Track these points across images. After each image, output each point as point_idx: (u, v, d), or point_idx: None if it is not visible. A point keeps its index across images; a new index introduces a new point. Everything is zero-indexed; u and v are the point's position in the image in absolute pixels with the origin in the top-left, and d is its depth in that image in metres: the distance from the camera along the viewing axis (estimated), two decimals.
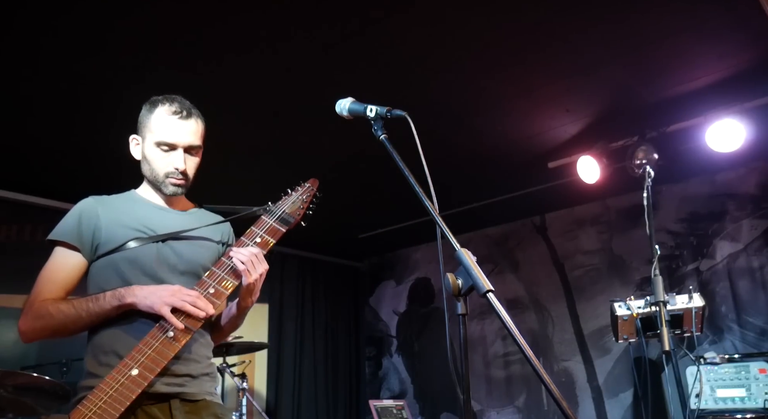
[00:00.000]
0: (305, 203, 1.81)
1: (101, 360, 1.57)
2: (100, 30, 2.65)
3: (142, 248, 1.67)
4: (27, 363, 3.84)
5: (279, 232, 1.74)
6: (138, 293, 1.55)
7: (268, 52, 2.89)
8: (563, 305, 4.95)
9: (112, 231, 1.68)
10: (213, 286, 1.62)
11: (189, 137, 1.74)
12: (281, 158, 3.86)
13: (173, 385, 1.57)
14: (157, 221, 1.74)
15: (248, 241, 1.69)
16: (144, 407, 1.52)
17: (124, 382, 1.45)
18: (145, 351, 1.49)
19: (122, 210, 1.75)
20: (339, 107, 1.65)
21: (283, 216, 1.76)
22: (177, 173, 1.73)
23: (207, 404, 1.65)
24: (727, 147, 3.49)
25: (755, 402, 3.17)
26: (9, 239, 4.06)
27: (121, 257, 1.65)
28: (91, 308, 1.56)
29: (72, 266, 1.67)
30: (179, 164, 1.72)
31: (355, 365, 6.16)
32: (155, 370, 1.48)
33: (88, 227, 1.68)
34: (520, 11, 2.66)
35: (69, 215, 1.72)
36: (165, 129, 1.72)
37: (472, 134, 3.78)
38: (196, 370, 1.64)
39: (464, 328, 1.20)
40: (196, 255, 1.75)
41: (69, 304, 1.59)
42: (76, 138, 3.59)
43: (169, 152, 1.73)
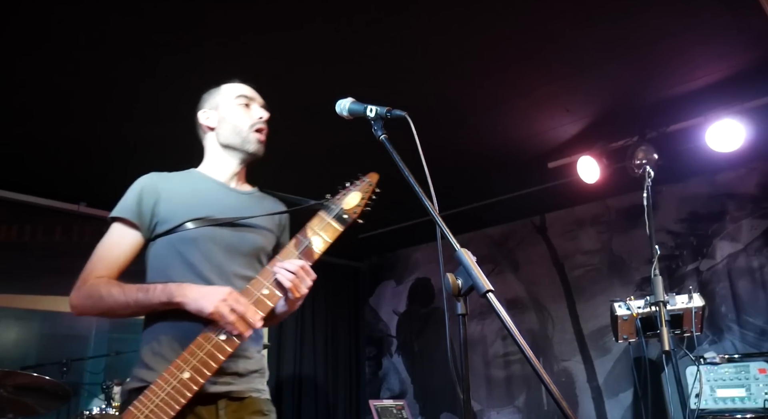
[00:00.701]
0: (364, 200, 1.74)
1: (156, 350, 1.56)
2: (101, 29, 2.65)
3: (201, 230, 1.64)
4: (27, 363, 3.85)
5: (336, 231, 1.66)
6: (188, 294, 1.52)
7: (267, 51, 2.89)
8: (563, 305, 4.95)
9: (172, 210, 1.66)
10: (258, 296, 1.56)
11: (260, 98, 1.84)
12: (281, 158, 3.86)
13: (222, 384, 1.55)
14: (218, 201, 1.72)
15: (304, 239, 1.63)
16: (192, 408, 1.50)
17: (176, 385, 1.44)
18: (197, 353, 1.47)
19: (183, 188, 1.72)
20: (339, 107, 1.65)
21: (340, 214, 1.68)
22: (261, 122, 1.77)
23: (253, 401, 1.63)
24: (727, 147, 3.49)
25: (755, 402, 3.17)
26: (9, 239, 4.06)
27: (177, 238, 1.63)
28: (140, 299, 1.55)
29: (128, 244, 1.66)
30: (262, 113, 1.78)
31: (355, 365, 6.16)
32: (206, 374, 1.46)
33: (148, 205, 1.66)
34: (520, 11, 2.66)
35: (129, 192, 1.70)
36: (240, 87, 1.83)
37: (472, 134, 3.78)
38: (245, 368, 1.62)
39: (464, 328, 1.20)
40: (257, 240, 1.73)
41: (120, 289, 1.57)
42: (76, 138, 3.59)
43: (249, 106, 1.79)
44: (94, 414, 3.34)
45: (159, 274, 1.63)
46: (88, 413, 3.36)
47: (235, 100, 1.79)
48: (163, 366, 1.48)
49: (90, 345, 4.54)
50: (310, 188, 1.87)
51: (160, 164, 1.94)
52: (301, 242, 1.63)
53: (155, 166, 2.01)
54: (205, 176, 1.79)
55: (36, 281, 4.12)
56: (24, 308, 4.14)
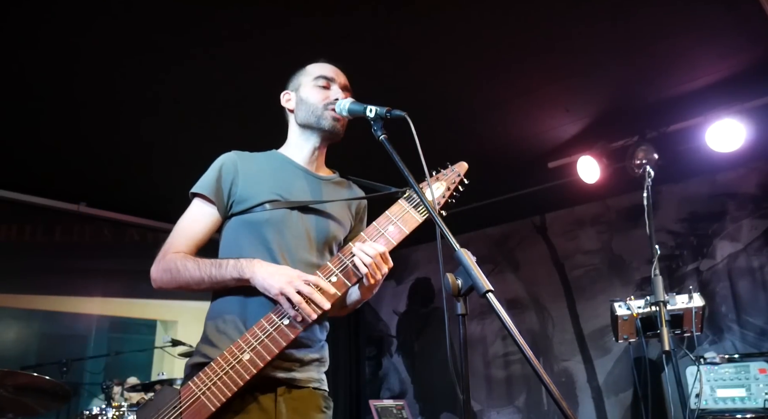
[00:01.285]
0: (449, 191, 1.71)
1: (219, 327, 1.57)
2: (101, 29, 2.65)
3: (275, 212, 1.63)
4: (27, 363, 3.85)
5: (415, 222, 1.62)
6: (257, 271, 1.51)
7: (265, 52, 2.89)
8: (563, 306, 4.95)
9: (249, 189, 1.66)
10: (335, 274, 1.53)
11: (344, 78, 1.80)
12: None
13: (282, 370, 1.53)
14: (296, 184, 1.71)
15: (380, 228, 1.59)
16: (250, 393, 1.49)
17: (235, 366, 1.43)
18: (259, 335, 1.46)
19: (262, 169, 1.72)
20: (339, 107, 1.66)
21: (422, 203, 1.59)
22: (334, 104, 1.72)
23: (312, 394, 1.61)
24: (727, 147, 3.49)
25: (755, 402, 3.17)
26: (9, 239, 4.06)
27: (252, 218, 1.63)
28: (213, 274, 1.55)
29: (206, 221, 1.67)
30: (339, 94, 1.73)
31: (355, 365, 6.16)
32: (266, 358, 1.44)
33: (226, 182, 1.67)
34: (520, 11, 2.66)
35: (210, 169, 1.71)
36: (322, 67, 1.80)
37: (472, 133, 3.78)
38: (306, 355, 1.60)
39: (464, 328, 1.20)
40: (330, 228, 1.71)
41: (196, 264, 1.58)
42: (76, 138, 3.59)
43: (328, 88, 1.76)
44: (95, 413, 3.34)
45: (231, 253, 1.63)
46: (88, 413, 3.36)
47: (315, 81, 1.77)
48: (225, 344, 1.49)
49: (90, 345, 4.54)
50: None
51: (161, 164, 1.94)
52: (376, 231, 1.60)
53: (156, 166, 2.04)
54: (286, 157, 1.79)
55: (36, 281, 4.12)
56: (24, 308, 4.14)
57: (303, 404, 1.57)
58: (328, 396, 1.68)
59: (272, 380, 1.52)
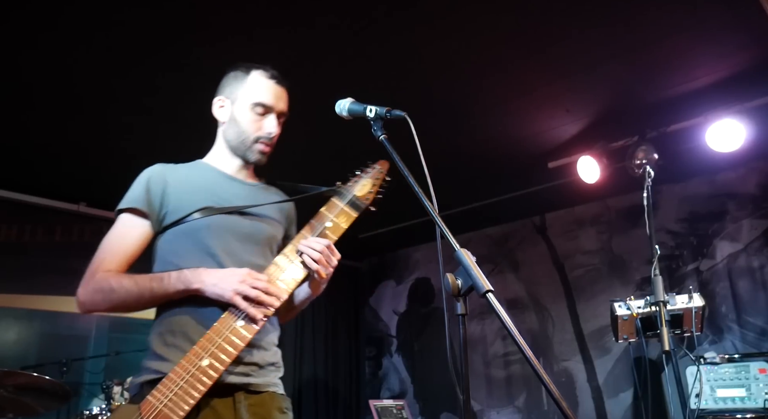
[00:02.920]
0: (375, 187, 1.73)
1: (167, 341, 1.51)
2: (101, 28, 2.65)
3: (209, 219, 1.60)
4: (27, 363, 3.84)
5: (351, 217, 1.66)
6: (205, 280, 1.47)
7: (267, 52, 2.89)
8: (563, 305, 4.95)
9: (180, 200, 1.62)
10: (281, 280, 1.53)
11: (283, 104, 1.74)
12: (280, 158, 3.86)
13: (240, 375, 1.50)
14: (226, 190, 1.69)
15: (318, 225, 1.62)
16: (209, 401, 1.44)
17: (195, 373, 1.38)
18: (215, 339, 1.42)
19: (191, 179, 1.69)
20: (339, 107, 1.65)
21: (353, 200, 1.67)
22: (268, 138, 1.70)
23: (271, 397, 1.58)
24: (727, 147, 3.49)
25: (755, 402, 3.17)
26: (9, 239, 4.06)
27: (186, 229, 1.59)
28: (155, 289, 1.49)
29: (137, 235, 1.60)
30: (273, 128, 1.70)
31: (355, 365, 6.16)
32: (226, 361, 1.41)
33: (156, 194, 1.62)
34: (520, 11, 2.66)
35: (136, 183, 1.66)
36: (264, 91, 1.70)
37: (472, 133, 3.78)
38: (263, 359, 1.57)
39: (464, 328, 1.19)
40: (268, 229, 1.71)
41: (132, 280, 1.51)
42: (76, 137, 3.59)
43: (264, 116, 1.70)
44: (95, 413, 3.34)
45: (169, 265, 1.56)
46: (88, 413, 3.36)
47: (252, 107, 1.70)
48: (177, 356, 1.43)
49: (90, 345, 4.54)
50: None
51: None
52: (316, 228, 1.62)
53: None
54: (212, 167, 1.76)
55: (36, 281, 4.12)
56: (24, 308, 4.14)
57: (263, 407, 1.54)
58: (287, 398, 1.66)
59: (230, 386, 1.49)
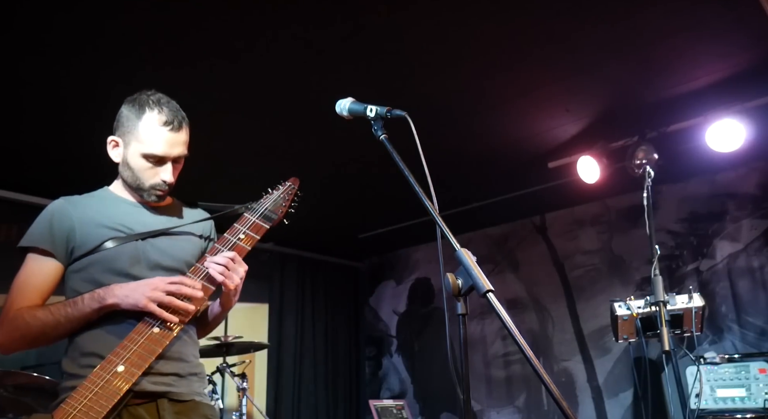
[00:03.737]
0: (287, 202, 1.82)
1: (80, 362, 1.51)
2: (99, 28, 2.65)
3: (120, 248, 1.60)
4: (27, 363, 3.84)
5: (262, 228, 1.74)
6: (118, 293, 1.49)
7: (267, 52, 2.89)
8: (563, 305, 4.95)
9: (88, 232, 1.60)
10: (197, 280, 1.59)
11: (179, 148, 1.66)
12: (281, 158, 3.86)
13: (160, 384, 1.52)
14: (134, 218, 1.68)
15: (231, 237, 1.68)
16: (129, 407, 1.46)
17: (110, 379, 1.38)
18: (130, 347, 1.43)
19: (96, 209, 1.67)
20: (339, 107, 1.65)
21: (265, 213, 1.76)
22: (164, 185, 1.66)
23: (196, 404, 1.60)
24: (727, 147, 3.49)
25: (755, 402, 3.17)
26: (9, 239, 4.06)
27: (97, 259, 1.58)
28: (70, 314, 1.50)
29: (47, 272, 1.60)
30: (167, 177, 1.66)
31: (355, 365, 6.16)
32: (142, 366, 1.42)
33: (61, 230, 1.60)
34: (520, 11, 2.66)
35: (39, 220, 1.64)
36: (155, 142, 1.62)
37: (472, 133, 3.78)
38: (183, 369, 1.59)
39: (464, 328, 1.19)
40: (180, 250, 1.70)
41: (46, 311, 1.51)
42: (77, 138, 3.59)
43: (158, 165, 1.65)
44: None
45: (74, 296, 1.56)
46: None
47: (144, 157, 1.63)
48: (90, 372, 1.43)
49: None
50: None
51: None
52: (228, 240, 1.68)
53: None
54: (117, 195, 1.74)
55: None
56: None
57: (187, 415, 1.56)
58: (212, 406, 1.69)
59: (152, 393, 1.50)
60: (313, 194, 1.89)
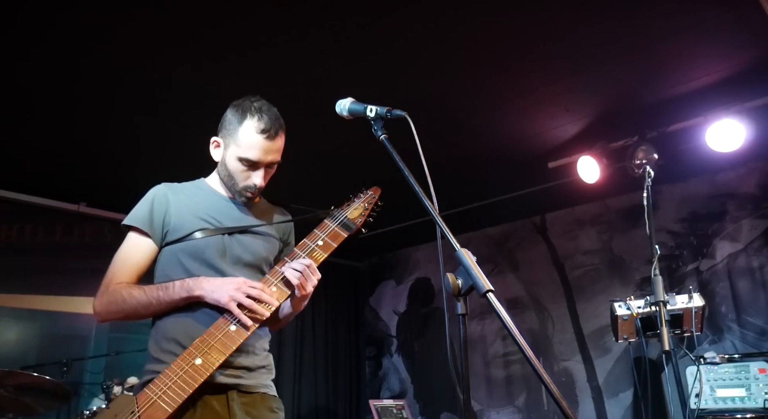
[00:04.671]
0: (367, 211, 1.88)
1: (163, 347, 1.63)
2: (101, 28, 2.65)
3: (207, 239, 1.71)
4: (27, 363, 3.84)
5: (340, 236, 1.79)
6: (206, 287, 1.60)
7: (269, 53, 2.89)
8: (563, 305, 4.95)
9: (181, 219, 1.73)
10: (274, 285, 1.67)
11: (272, 155, 1.76)
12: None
13: (231, 377, 1.62)
14: (224, 212, 1.79)
15: (310, 243, 1.74)
16: (204, 398, 1.57)
17: (188, 370, 1.50)
18: (209, 341, 1.54)
19: (191, 199, 1.79)
20: (339, 107, 1.65)
21: (345, 221, 1.82)
22: (254, 188, 1.77)
23: (263, 397, 1.70)
24: (727, 147, 3.49)
25: (755, 402, 3.17)
26: (9, 239, 4.06)
27: (186, 247, 1.70)
28: (161, 297, 1.62)
29: (144, 252, 1.73)
30: (259, 181, 1.76)
31: (355, 365, 6.16)
32: (217, 361, 1.53)
33: (159, 214, 1.73)
34: (520, 11, 2.66)
35: (142, 201, 1.77)
36: (252, 147, 1.72)
37: (472, 133, 3.78)
38: (253, 363, 1.69)
39: (464, 328, 1.19)
40: (260, 248, 1.79)
41: (141, 291, 1.65)
42: (76, 138, 3.59)
43: (251, 169, 1.75)
44: (95, 413, 3.34)
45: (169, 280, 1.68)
46: (88, 413, 3.36)
47: (240, 160, 1.74)
48: (172, 359, 1.54)
49: (90, 345, 4.54)
50: (319, 188, 1.88)
51: (161, 165, 1.94)
52: (307, 246, 1.75)
53: (155, 167, 2.05)
54: (212, 189, 1.86)
55: (36, 281, 4.12)
56: (24, 308, 4.14)
57: (254, 406, 1.66)
58: (278, 398, 1.78)
59: (224, 385, 1.61)
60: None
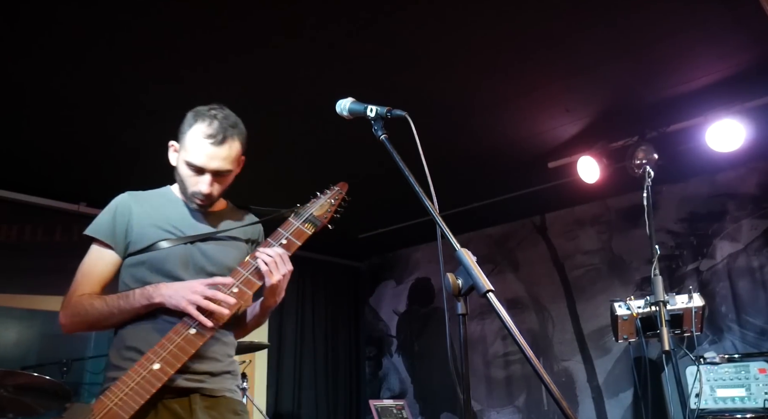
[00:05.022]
0: (333, 207, 1.84)
1: (123, 355, 1.62)
2: (102, 28, 2.65)
3: (169, 250, 1.70)
4: (27, 363, 3.84)
5: (305, 234, 1.76)
6: (164, 292, 1.59)
7: (267, 53, 2.89)
8: (563, 305, 4.95)
9: (143, 230, 1.72)
10: (237, 285, 1.64)
11: (218, 162, 1.71)
12: (281, 158, 3.86)
13: (194, 381, 1.62)
14: (186, 221, 1.78)
15: (274, 242, 1.71)
16: (165, 401, 1.57)
17: (146, 376, 1.50)
18: (167, 346, 1.54)
19: (155, 208, 1.78)
20: (339, 106, 1.65)
21: (310, 218, 1.78)
22: (201, 195, 1.74)
23: (227, 400, 1.69)
24: (727, 147, 3.49)
25: (755, 402, 3.17)
26: (9, 239, 4.06)
27: (147, 258, 1.69)
28: (122, 306, 1.62)
29: (106, 263, 1.73)
30: (204, 188, 1.72)
31: (355, 365, 6.16)
32: (176, 365, 1.52)
33: (121, 225, 1.73)
34: (520, 11, 2.66)
35: (105, 211, 1.76)
36: (196, 152, 1.70)
37: (472, 133, 3.78)
38: (216, 368, 1.68)
39: (464, 328, 1.19)
40: (225, 256, 1.77)
41: (102, 301, 1.64)
42: (76, 138, 3.59)
43: (199, 174, 1.73)
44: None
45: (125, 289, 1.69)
46: None
47: (187, 164, 1.72)
48: (131, 366, 1.54)
49: (90, 345, 4.54)
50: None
51: (161, 165, 1.94)
52: (271, 245, 1.71)
53: (155, 167, 2.02)
54: (176, 196, 1.84)
55: (36, 281, 4.12)
56: (24, 308, 4.14)
57: (217, 409, 1.65)
58: (242, 403, 1.77)
59: (186, 389, 1.60)
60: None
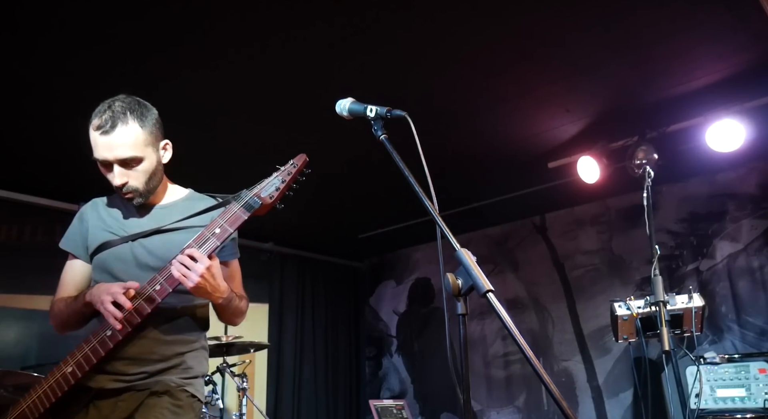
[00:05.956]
0: (284, 184, 1.68)
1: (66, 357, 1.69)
2: (101, 28, 2.65)
3: (111, 251, 1.73)
4: (27, 362, 3.84)
5: (239, 220, 1.64)
6: (93, 292, 1.63)
7: (268, 53, 2.89)
8: (563, 305, 4.95)
9: (94, 235, 1.77)
10: (159, 283, 1.60)
11: (115, 151, 1.66)
12: (281, 158, 3.86)
13: (122, 382, 1.65)
14: (130, 221, 1.79)
15: (207, 233, 1.62)
16: (95, 402, 1.64)
17: (58, 378, 1.60)
18: (84, 348, 1.60)
19: (106, 212, 1.82)
20: (339, 107, 1.65)
21: (249, 202, 1.65)
22: (119, 189, 1.71)
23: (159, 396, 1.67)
24: (727, 147, 3.49)
25: (755, 402, 3.17)
26: (9, 239, 4.06)
27: (96, 261, 1.75)
28: (74, 307, 1.69)
29: (76, 272, 1.81)
30: (116, 181, 1.70)
31: (355, 365, 6.16)
32: (85, 368, 1.58)
33: (82, 235, 1.80)
34: (520, 11, 2.66)
35: (72, 222, 1.85)
36: (93, 147, 1.69)
37: (472, 133, 3.78)
38: (155, 368, 1.67)
39: (464, 328, 1.20)
40: (167, 250, 1.69)
41: (64, 302, 1.73)
42: (76, 138, 3.58)
43: (108, 170, 1.71)
44: None
45: None
46: None
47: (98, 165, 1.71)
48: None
49: None
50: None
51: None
52: (204, 236, 1.63)
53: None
54: None
55: (36, 281, 4.12)
56: (24, 308, 4.14)
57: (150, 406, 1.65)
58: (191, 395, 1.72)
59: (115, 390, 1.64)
60: (313, 194, 1.87)
